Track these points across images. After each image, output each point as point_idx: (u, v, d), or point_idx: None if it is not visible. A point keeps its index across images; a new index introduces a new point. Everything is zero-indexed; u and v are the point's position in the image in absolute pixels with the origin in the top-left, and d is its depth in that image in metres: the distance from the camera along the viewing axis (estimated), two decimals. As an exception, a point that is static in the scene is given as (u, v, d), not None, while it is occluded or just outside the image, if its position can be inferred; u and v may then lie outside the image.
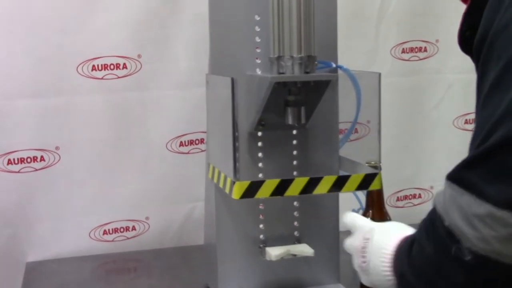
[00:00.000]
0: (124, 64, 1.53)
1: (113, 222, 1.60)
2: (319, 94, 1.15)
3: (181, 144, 1.62)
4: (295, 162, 1.25)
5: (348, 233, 0.99)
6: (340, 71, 1.19)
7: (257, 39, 1.20)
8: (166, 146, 1.60)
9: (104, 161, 1.57)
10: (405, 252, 0.72)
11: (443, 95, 1.78)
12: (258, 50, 1.20)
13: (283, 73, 1.11)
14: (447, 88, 1.78)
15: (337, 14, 1.23)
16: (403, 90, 1.74)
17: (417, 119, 1.78)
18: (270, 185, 1.07)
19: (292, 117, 1.14)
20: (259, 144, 1.22)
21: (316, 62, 1.12)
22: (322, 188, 1.10)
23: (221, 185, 1.16)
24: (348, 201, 1.31)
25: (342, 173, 1.28)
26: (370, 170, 1.16)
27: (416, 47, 1.74)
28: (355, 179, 1.12)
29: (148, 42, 1.54)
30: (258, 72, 1.20)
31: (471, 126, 1.80)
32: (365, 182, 1.12)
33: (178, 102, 1.59)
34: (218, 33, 1.19)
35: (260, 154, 1.23)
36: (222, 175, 1.14)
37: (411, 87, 1.75)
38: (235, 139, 1.04)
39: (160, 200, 1.62)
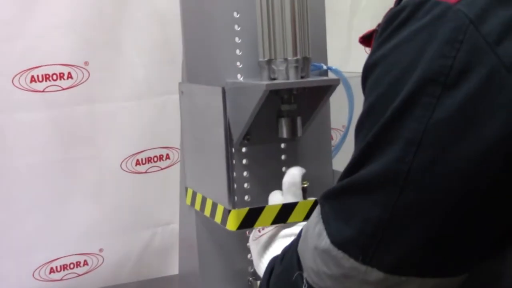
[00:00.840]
0: (69, 73, 1.43)
1: (61, 257, 1.50)
2: (315, 101, 1.06)
3: (137, 163, 1.53)
4: (284, 180, 1.15)
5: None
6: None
7: (237, 40, 1.11)
8: (121, 165, 1.52)
9: (49, 188, 1.46)
10: (270, 267, 0.77)
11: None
12: (239, 53, 1.11)
13: (274, 78, 1.01)
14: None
15: (325, 11, 1.17)
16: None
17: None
18: (271, 211, 0.97)
19: (286, 129, 1.04)
20: (244, 161, 1.13)
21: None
22: (329, 210, 1.00)
23: (206, 213, 1.04)
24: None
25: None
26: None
27: (392, 43, 1.69)
28: (365, 198, 1.03)
29: (96, 47, 1.45)
30: (240, 78, 1.11)
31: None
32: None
33: (133, 115, 1.50)
34: (192, 34, 1.09)
35: (245, 173, 1.13)
36: (209, 202, 1.03)
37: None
38: (229, 157, 0.94)
39: (115, 228, 1.53)
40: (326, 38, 1.17)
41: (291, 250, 0.71)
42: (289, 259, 0.71)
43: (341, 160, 1.26)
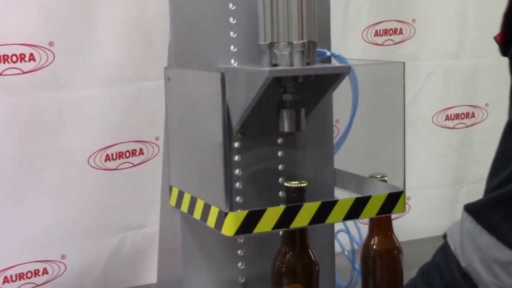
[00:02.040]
0: (31, 54, 1.39)
1: (17, 265, 1.46)
2: (320, 91, 1.05)
3: (107, 158, 1.50)
4: (280, 179, 1.14)
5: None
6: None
7: (232, 20, 1.10)
8: (88, 161, 1.48)
9: (4, 185, 1.42)
10: None
11: (421, 86, 1.75)
12: (233, 35, 1.10)
13: (276, 64, 1.00)
14: (425, 78, 1.75)
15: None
16: (376, 81, 1.69)
17: (390, 115, 1.74)
18: (273, 214, 0.95)
19: (289, 122, 1.03)
20: (236, 158, 1.11)
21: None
22: (336, 215, 0.99)
23: (196, 216, 1.02)
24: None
25: (338, 190, 1.20)
26: (386, 188, 1.07)
27: (391, 29, 1.69)
28: (376, 201, 1.02)
29: (63, 25, 1.40)
30: (233, 63, 1.09)
31: (453, 123, 1.80)
32: (388, 205, 1.03)
33: (103, 104, 1.46)
34: (181, 14, 1.07)
35: (237, 171, 1.12)
36: (199, 203, 1.01)
37: (385, 78, 1.70)
38: (227, 152, 0.91)
39: (79, 232, 1.50)
40: (330, 21, 1.16)
41: (451, 269, 0.70)
42: (453, 280, 0.70)
43: (342, 158, 1.24)
